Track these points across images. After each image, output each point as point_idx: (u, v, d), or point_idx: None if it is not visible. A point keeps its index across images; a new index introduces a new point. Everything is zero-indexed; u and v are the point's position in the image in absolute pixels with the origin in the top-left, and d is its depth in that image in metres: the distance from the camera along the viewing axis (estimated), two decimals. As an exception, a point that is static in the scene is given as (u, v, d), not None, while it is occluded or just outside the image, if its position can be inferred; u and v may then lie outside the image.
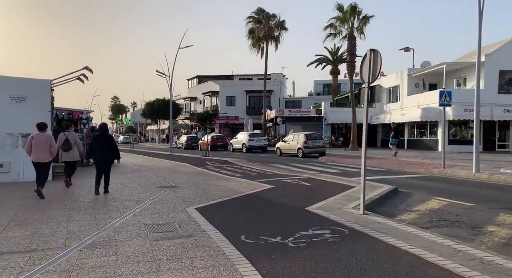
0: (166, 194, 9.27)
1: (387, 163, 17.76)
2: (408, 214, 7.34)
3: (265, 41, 39.34)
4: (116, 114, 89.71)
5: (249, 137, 28.70)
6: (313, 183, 10.97)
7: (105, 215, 6.85)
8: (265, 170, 15.19)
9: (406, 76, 29.37)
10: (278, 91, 52.32)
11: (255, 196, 8.92)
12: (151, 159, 22.58)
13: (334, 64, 49.65)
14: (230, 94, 51.70)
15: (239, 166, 17.31)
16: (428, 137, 26.57)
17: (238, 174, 14.32)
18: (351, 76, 27.49)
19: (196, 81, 60.58)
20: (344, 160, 19.66)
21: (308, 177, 12.31)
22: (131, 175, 13.58)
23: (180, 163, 18.96)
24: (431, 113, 24.83)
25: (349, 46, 27.06)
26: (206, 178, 12.62)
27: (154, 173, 14.32)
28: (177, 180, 12.14)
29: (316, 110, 34.33)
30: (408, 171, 14.60)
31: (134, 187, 10.47)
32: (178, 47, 28.60)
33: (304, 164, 18.24)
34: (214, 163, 19.07)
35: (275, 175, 13.22)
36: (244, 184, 10.89)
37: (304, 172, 14.50)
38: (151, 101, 55.81)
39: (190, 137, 39.35)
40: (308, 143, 22.47)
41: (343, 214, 6.59)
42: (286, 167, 17.15)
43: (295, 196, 8.83)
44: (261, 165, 17.99)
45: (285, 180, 11.68)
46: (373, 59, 6.45)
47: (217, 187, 10.40)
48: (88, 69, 13.97)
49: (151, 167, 17.03)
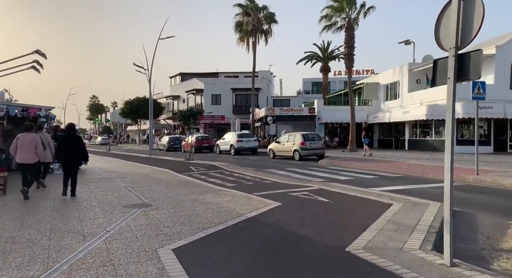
0: (134, 219, 6.55)
1: (400, 166, 15.38)
2: (507, 257, 4.82)
3: (253, 35, 36.75)
4: (95, 114, 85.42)
5: (238, 138, 26.03)
6: (330, 197, 8.41)
7: (17, 271, 4.09)
8: (262, 178, 12.57)
9: (406, 71, 27.21)
10: (266, 90, 49.76)
11: (260, 222, 6.29)
12: (126, 164, 19.67)
13: (324, 61, 47.42)
14: (215, 92, 48.84)
15: (230, 172, 14.65)
16: (433, 138, 24.41)
17: (229, 183, 11.66)
18: (349, 70, 25.13)
19: (179, 79, 57.44)
20: (349, 164, 17.20)
21: (319, 188, 9.75)
22: (94, 187, 10.76)
23: (159, 169, 16.16)
24: (437, 110, 22.63)
25: (347, 37, 24.69)
26: (190, 190, 9.92)
27: (125, 183, 11.53)
28: (153, 193, 9.41)
29: (309, 109, 31.88)
30: (432, 178, 12.22)
31: (91, 207, 7.69)
32: (158, 38, 25.74)
33: (305, 169, 15.70)
34: (200, 168, 16.34)
35: (276, 185, 10.62)
36: (241, 200, 8.26)
37: (310, 181, 11.94)
38: (131, 100, 52.40)
39: (173, 138, 36.39)
40: (306, 144, 19.95)
41: (417, 266, 4.01)
42: (285, 172, 14.56)
43: (317, 221, 6.24)
44: (255, 170, 15.36)
45: (292, 193, 9.09)
46: (468, 3, 3.93)
47: (205, 205, 7.73)
48: (40, 53, 11.06)
49: (123, 174, 14.20)
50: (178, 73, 57.66)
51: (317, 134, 21.48)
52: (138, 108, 49.64)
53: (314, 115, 31.61)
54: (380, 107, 31.37)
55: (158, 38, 25.76)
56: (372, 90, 32.45)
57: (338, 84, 55.10)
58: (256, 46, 36.78)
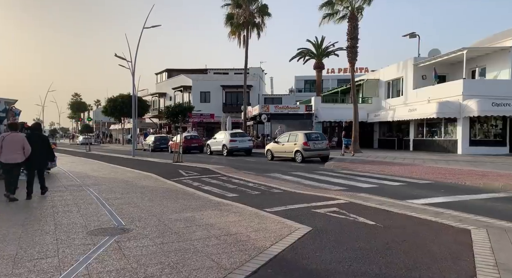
0: (100, 259, 4.30)
1: (421, 170, 13.39)
2: None
3: (245, 28, 34.51)
4: (76, 113, 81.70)
5: (231, 138, 23.77)
6: (371, 216, 6.29)
7: None
8: (268, 185, 10.40)
9: (411, 66, 25.37)
10: (258, 87, 47.53)
11: (295, 266, 4.10)
12: (105, 166, 17.23)
13: (318, 58, 45.47)
14: (204, 89, 46.37)
15: (227, 177, 12.42)
16: (442, 137, 22.57)
17: (230, 192, 9.46)
18: (352, 64, 23.11)
19: (165, 75, 54.65)
20: (360, 167, 15.13)
21: (348, 202, 7.63)
22: (59, 199, 8.42)
23: (143, 173, 13.82)
24: (449, 108, 20.84)
25: (350, 28, 22.67)
26: (182, 203, 7.68)
27: (100, 192, 9.23)
28: (133, 209, 7.16)
29: (306, 107, 29.80)
30: (472, 186, 10.24)
31: (42, 234, 5.40)
32: (143, 27, 23.27)
33: (313, 173, 13.57)
34: (191, 172, 14.05)
35: (290, 196, 8.46)
36: (253, 220, 6.07)
37: (327, 190, 9.81)
38: (114, 97, 49.44)
39: (159, 138, 33.85)
40: (309, 145, 17.82)
41: None
42: (292, 178, 12.40)
43: (387, 267, 4.09)
44: (255, 174, 13.17)
45: (318, 210, 6.93)
46: None
47: (205, 229, 5.51)
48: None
49: (100, 180, 11.84)
50: (165, 69, 54.90)
51: (320, 134, 19.34)
52: (122, 106, 46.78)
53: (311, 113, 29.57)
54: (381, 105, 29.52)
55: (142, 27, 23.32)
56: (373, 87, 30.60)
57: (332, 82, 53.25)
58: (248, 40, 34.57)
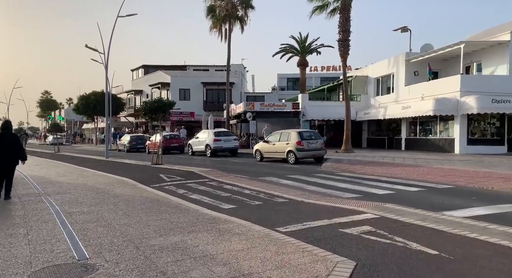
0: None
1: (435, 173, 12.06)
2: None
3: (227, 21, 32.74)
4: (46, 111, 77.39)
5: (215, 137, 21.97)
6: (431, 242, 4.77)
7: None
8: (268, 192, 8.77)
9: (403, 62, 24.28)
10: (240, 85, 45.80)
11: None
12: (74, 170, 15.14)
13: (302, 55, 44.09)
14: (183, 86, 44.18)
15: (217, 182, 10.70)
16: (438, 136, 21.54)
17: (224, 202, 7.78)
18: (344, 58, 21.74)
19: (142, 71, 52.01)
20: (361, 168, 13.69)
21: (381, 216, 6.09)
22: (8, 214, 6.51)
23: (117, 178, 11.90)
24: (446, 105, 19.78)
25: (342, 20, 21.31)
26: (167, 220, 5.92)
27: (62, 205, 7.34)
28: (102, 230, 5.37)
29: (293, 104, 28.29)
30: (505, 191, 8.95)
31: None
32: (117, 16, 21.14)
33: (313, 177, 12.02)
34: (174, 177, 12.24)
35: (299, 207, 6.85)
36: (266, 248, 4.40)
37: (339, 197, 8.28)
38: (86, 95, 46.51)
39: (135, 137, 31.61)
40: (303, 144, 16.28)
41: None
42: (292, 183, 10.79)
43: None
44: (249, 179, 11.50)
45: (347, 230, 5.35)
46: None
47: (204, 266, 3.80)
48: None
49: (64, 187, 9.88)
50: (141, 65, 52.25)
51: (314, 132, 17.81)
52: (95, 104, 43.98)
53: (298, 111, 28.10)
54: (370, 102, 28.39)
55: (117, 16, 21.18)
56: (361, 85, 29.45)
57: (315, 81, 52.12)
58: (230, 34, 32.80)
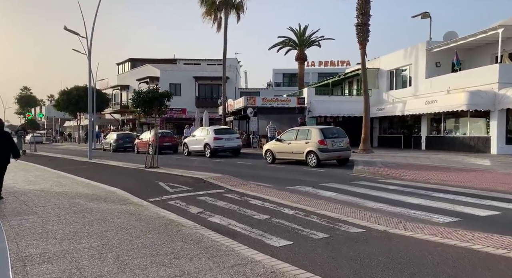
0: None
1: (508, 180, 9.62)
2: None
3: (223, 8, 29.90)
4: (25, 108, 73.01)
5: (216, 135, 19.18)
6: None
7: None
8: (320, 213, 6.11)
9: (423, 52, 21.89)
10: (234, 80, 42.97)
11: None
12: (49, 175, 12.15)
13: (300, 49, 41.71)
14: (174, 81, 41.06)
15: (238, 195, 7.96)
16: (468, 134, 19.18)
17: (268, 232, 5.02)
18: (363, 46, 19.13)
19: (128, 65, 48.61)
20: (407, 173, 11.12)
21: None
22: None
23: (105, 187, 9.02)
24: (482, 98, 17.42)
25: (361, 1, 18.77)
26: (189, 276, 3.19)
27: (19, 235, 4.46)
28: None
29: (298, 99, 25.68)
30: None
31: None
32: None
33: (357, 187, 9.37)
34: (178, 186, 9.43)
35: (390, 246, 4.20)
36: None
37: (429, 221, 5.69)
38: (68, 89, 42.99)
39: (122, 136, 28.52)
40: (327, 143, 13.65)
41: None
42: (338, 195, 8.11)
43: None
44: (276, 189, 8.77)
45: None
46: None
47: None
48: None
49: (31, 202, 6.98)
50: (128, 59, 48.84)
51: (338, 129, 15.10)
52: (77, 100, 40.58)
53: (303, 107, 25.50)
54: (382, 97, 25.97)
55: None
56: (371, 78, 26.97)
57: (312, 76, 49.64)
58: (227, 23, 29.95)
